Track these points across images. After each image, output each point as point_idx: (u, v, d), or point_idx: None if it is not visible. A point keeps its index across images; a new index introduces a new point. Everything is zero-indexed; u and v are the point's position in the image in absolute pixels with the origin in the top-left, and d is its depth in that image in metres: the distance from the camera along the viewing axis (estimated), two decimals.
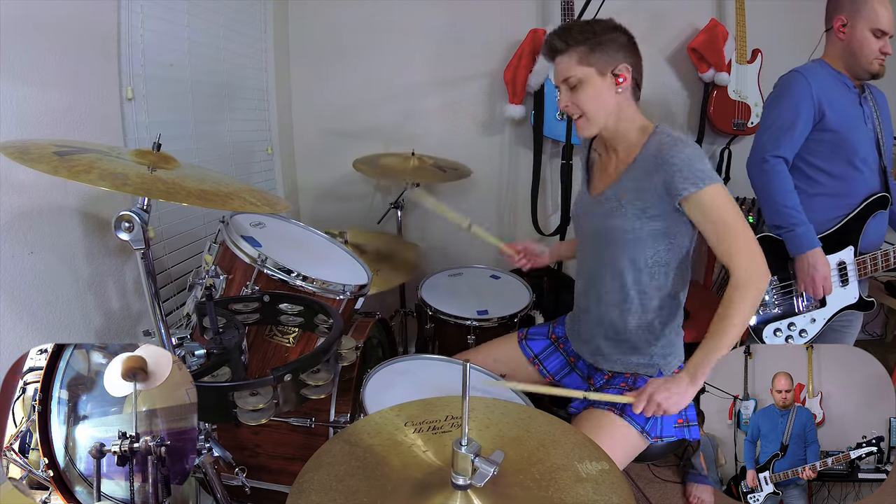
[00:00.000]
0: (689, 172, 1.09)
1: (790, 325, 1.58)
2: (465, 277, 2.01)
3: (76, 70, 1.25)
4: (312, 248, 1.57)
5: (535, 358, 1.44)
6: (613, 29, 1.20)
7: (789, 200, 1.48)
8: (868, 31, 1.46)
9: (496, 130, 2.54)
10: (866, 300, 1.58)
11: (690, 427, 1.23)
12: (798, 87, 1.49)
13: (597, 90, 1.18)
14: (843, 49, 1.51)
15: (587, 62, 1.17)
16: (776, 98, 1.55)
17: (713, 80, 2.27)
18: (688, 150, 1.10)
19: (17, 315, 1.12)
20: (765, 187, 1.52)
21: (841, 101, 1.50)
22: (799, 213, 1.48)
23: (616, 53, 1.18)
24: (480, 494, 0.68)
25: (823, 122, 1.48)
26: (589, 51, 1.17)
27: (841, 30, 1.50)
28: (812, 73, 1.50)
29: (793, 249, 1.51)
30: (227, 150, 2.02)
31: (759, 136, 1.56)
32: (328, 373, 0.96)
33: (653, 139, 1.17)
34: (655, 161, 1.13)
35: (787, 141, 1.49)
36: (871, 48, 1.46)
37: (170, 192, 0.79)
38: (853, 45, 1.49)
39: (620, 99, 1.20)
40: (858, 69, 1.50)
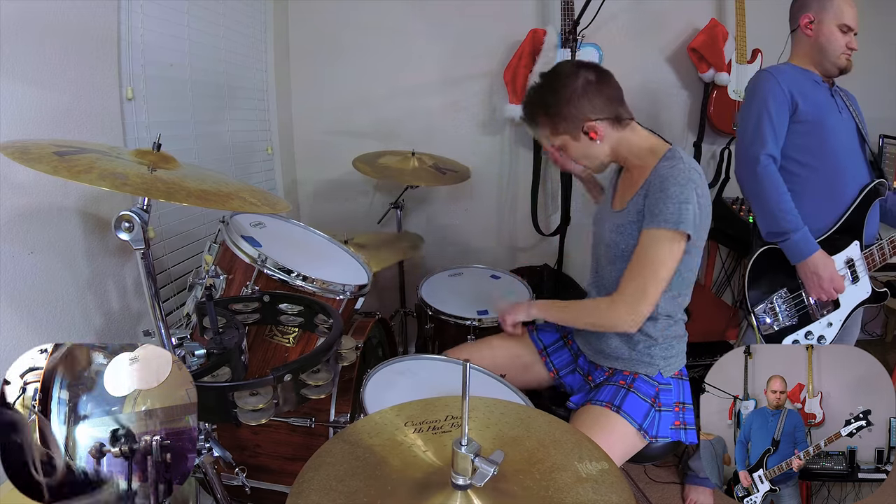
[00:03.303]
0: (660, 210, 1.13)
1: (807, 333, 1.56)
2: (465, 277, 2.01)
3: (76, 70, 1.25)
4: (312, 248, 1.57)
5: (545, 350, 1.44)
6: (567, 79, 1.20)
7: (784, 204, 1.46)
8: (835, 26, 1.49)
9: (496, 130, 2.54)
10: (879, 292, 1.56)
11: (687, 430, 1.23)
12: (766, 83, 1.51)
13: (580, 149, 1.25)
14: (810, 46, 1.54)
15: (558, 132, 1.24)
16: (748, 100, 1.56)
17: (713, 80, 2.28)
18: (677, 188, 1.12)
19: (17, 315, 1.12)
20: (758, 191, 1.49)
21: (812, 92, 1.51)
22: (795, 218, 1.46)
23: (577, 114, 1.20)
24: (480, 494, 0.68)
25: (798, 114, 1.49)
26: (554, 124, 1.23)
27: (808, 27, 1.53)
28: (779, 72, 1.52)
29: (793, 257, 1.49)
30: (227, 150, 2.02)
31: (741, 140, 1.55)
32: (328, 373, 0.96)
33: (663, 163, 1.18)
34: (655, 187, 1.16)
35: (770, 135, 1.48)
36: (838, 43, 1.50)
37: (170, 192, 0.79)
38: (821, 41, 1.51)
39: (608, 142, 1.24)
40: (827, 64, 1.53)
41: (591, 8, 2.01)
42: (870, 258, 1.54)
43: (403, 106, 2.51)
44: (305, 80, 2.49)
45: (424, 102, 2.51)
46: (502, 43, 2.40)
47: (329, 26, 2.43)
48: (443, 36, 2.43)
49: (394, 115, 2.51)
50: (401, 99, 2.50)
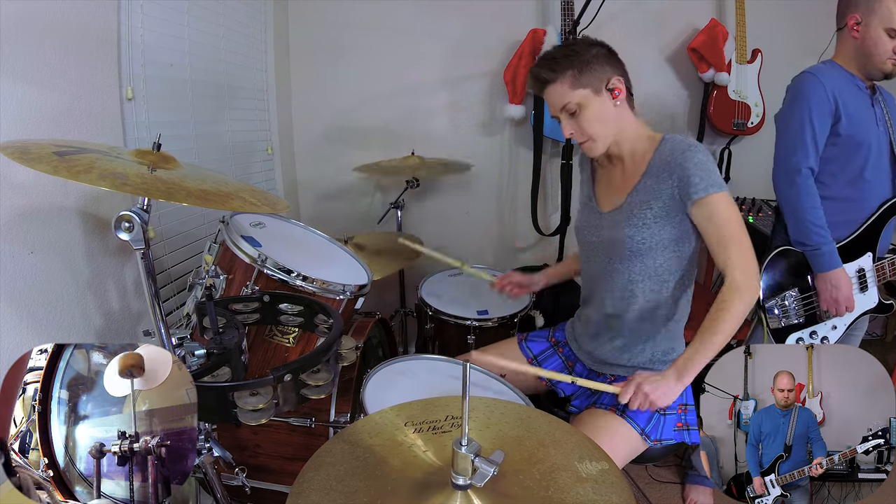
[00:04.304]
0: (703, 176, 1.09)
1: (812, 333, 1.57)
2: (465, 277, 2.01)
3: (76, 70, 1.25)
4: (312, 248, 1.57)
5: (535, 359, 1.44)
6: (593, 45, 1.20)
7: (818, 219, 1.44)
8: (882, 30, 1.42)
9: (496, 130, 2.54)
10: (885, 303, 1.57)
11: (690, 431, 1.23)
12: (813, 90, 1.45)
13: (597, 110, 1.18)
14: (855, 49, 1.48)
15: (580, 84, 1.17)
16: (792, 103, 1.50)
17: (713, 80, 2.27)
18: (701, 154, 1.11)
19: (17, 315, 1.12)
20: (795, 203, 1.47)
21: (854, 103, 1.47)
22: (826, 233, 1.45)
23: (604, 68, 1.18)
24: (480, 494, 0.68)
25: (838, 125, 1.45)
26: (579, 73, 1.17)
27: (854, 28, 1.47)
28: (824, 74, 1.47)
29: (817, 267, 1.49)
30: (227, 150, 2.02)
31: (782, 146, 1.51)
32: (328, 373, 0.96)
33: (665, 145, 1.17)
34: (669, 166, 1.13)
35: (812, 148, 1.45)
36: (885, 48, 1.43)
37: (170, 192, 0.79)
38: (867, 45, 1.45)
39: (620, 111, 1.21)
40: (872, 69, 1.47)
41: (591, 8, 2.01)
42: (880, 270, 1.54)
43: (403, 106, 2.51)
44: (305, 80, 2.49)
45: (424, 102, 2.51)
46: (502, 43, 2.40)
47: (329, 26, 2.43)
48: (443, 36, 2.43)
49: (394, 114, 2.51)
50: (401, 99, 2.50)
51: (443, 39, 2.44)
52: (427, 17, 2.41)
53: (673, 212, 1.15)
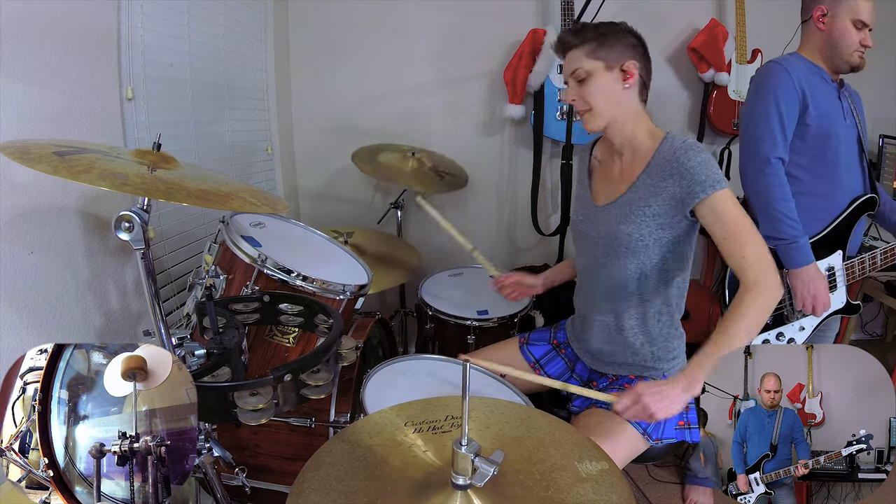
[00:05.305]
0: (705, 177, 1.09)
1: (779, 335, 1.54)
2: (465, 277, 2.01)
3: (76, 70, 1.25)
4: (312, 248, 1.57)
5: (537, 363, 1.44)
6: (625, 31, 1.21)
7: (791, 211, 1.40)
8: (849, 21, 1.41)
9: (496, 130, 2.54)
10: (853, 304, 1.54)
11: (691, 429, 1.23)
12: (780, 78, 1.42)
13: (604, 84, 1.18)
14: (822, 40, 1.46)
15: (595, 56, 1.18)
16: (757, 92, 1.45)
17: (713, 80, 2.28)
18: (703, 155, 1.11)
19: (17, 315, 1.12)
20: (765, 194, 1.42)
21: (822, 94, 1.44)
22: (799, 226, 1.40)
23: (625, 51, 1.19)
24: (480, 494, 0.68)
25: (806, 116, 1.42)
26: (598, 46, 1.18)
27: (821, 20, 1.44)
28: (790, 64, 1.44)
29: (790, 263, 1.44)
30: (227, 150, 2.02)
31: (748, 136, 1.46)
32: (328, 373, 0.96)
33: (666, 144, 1.17)
34: (670, 165, 1.13)
35: (781, 137, 1.41)
36: (852, 39, 1.42)
37: (170, 192, 0.79)
38: (834, 36, 1.43)
39: (628, 96, 1.20)
40: (838, 61, 1.45)
41: (591, 8, 2.01)
42: (850, 270, 1.52)
43: (403, 106, 2.51)
44: (305, 80, 2.49)
45: (424, 102, 2.51)
46: (502, 43, 2.40)
47: (329, 26, 2.43)
48: (443, 36, 2.43)
49: (394, 114, 2.51)
50: (401, 99, 2.50)
51: (443, 39, 2.44)
52: (427, 18, 2.41)
53: (672, 212, 1.14)
